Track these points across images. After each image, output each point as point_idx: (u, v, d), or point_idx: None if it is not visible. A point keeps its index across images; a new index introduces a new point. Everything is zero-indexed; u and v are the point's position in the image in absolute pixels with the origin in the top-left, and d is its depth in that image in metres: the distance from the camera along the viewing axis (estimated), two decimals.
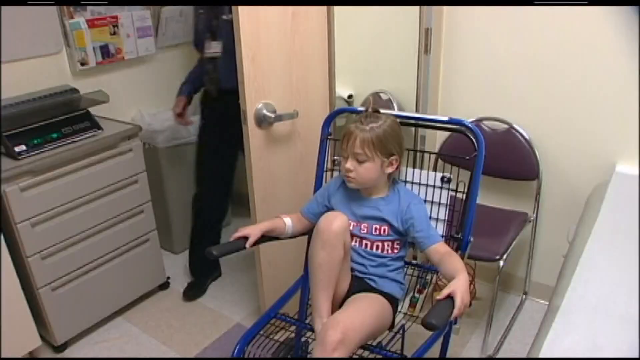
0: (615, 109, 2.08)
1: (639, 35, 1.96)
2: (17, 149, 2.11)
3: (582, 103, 2.14)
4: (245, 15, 1.78)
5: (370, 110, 1.59)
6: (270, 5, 1.85)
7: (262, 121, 1.93)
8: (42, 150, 2.12)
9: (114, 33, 2.65)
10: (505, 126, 2.33)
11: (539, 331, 1.39)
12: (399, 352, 1.58)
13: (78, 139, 2.23)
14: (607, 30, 2.00)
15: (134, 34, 2.73)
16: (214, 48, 2.28)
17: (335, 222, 1.48)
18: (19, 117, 2.18)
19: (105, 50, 2.64)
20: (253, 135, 1.94)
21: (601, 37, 2.02)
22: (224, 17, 2.20)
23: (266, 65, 1.90)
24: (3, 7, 2.24)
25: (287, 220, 1.69)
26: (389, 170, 1.57)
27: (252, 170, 1.99)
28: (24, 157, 2.09)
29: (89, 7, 2.55)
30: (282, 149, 2.07)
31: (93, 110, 2.35)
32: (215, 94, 2.36)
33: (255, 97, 1.90)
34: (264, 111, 1.92)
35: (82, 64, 2.56)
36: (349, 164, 1.55)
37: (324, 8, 2.03)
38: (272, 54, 1.91)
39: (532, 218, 2.35)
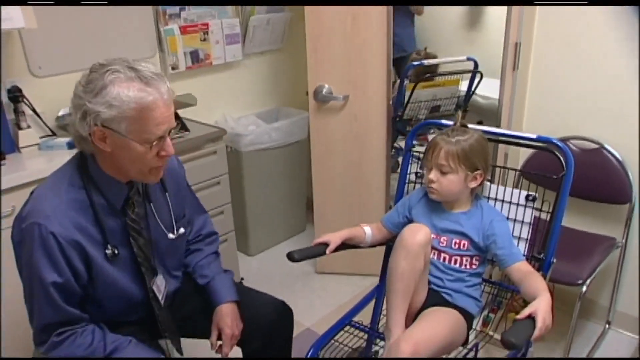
0: None
1: (639, 35, 1.88)
2: None
3: None
4: (310, 14, 2.44)
5: (458, 124, 1.58)
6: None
7: (319, 96, 2.55)
8: None
9: (204, 39, 2.77)
10: (595, 146, 2.23)
11: None
12: None
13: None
14: None
15: (222, 40, 2.84)
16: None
17: (419, 234, 1.48)
18: None
19: (194, 56, 2.76)
20: (312, 106, 2.60)
21: None
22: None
23: (326, 57, 2.50)
24: (106, 10, 2.39)
25: (367, 229, 1.70)
26: (473, 184, 1.55)
27: (311, 133, 2.67)
28: None
29: (182, 15, 2.68)
30: (339, 125, 2.62)
31: (180, 112, 2.46)
32: None
33: (316, 79, 2.54)
34: (322, 91, 2.54)
35: (173, 68, 2.69)
36: (432, 175, 1.54)
37: (384, 13, 2.39)
38: (331, 49, 2.48)
39: (620, 244, 2.23)
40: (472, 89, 2.88)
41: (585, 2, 2.06)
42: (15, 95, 2.15)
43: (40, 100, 2.25)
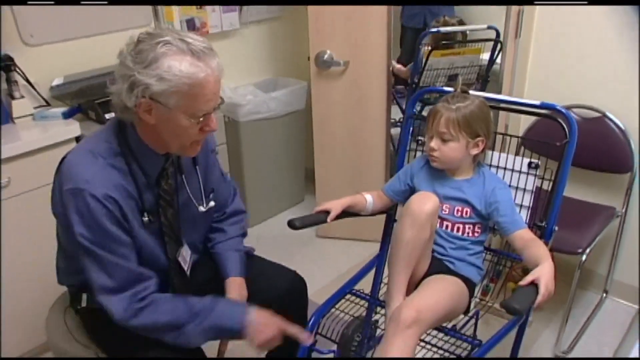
0: None
1: (639, 35, 1.87)
2: (107, 115, 2.21)
3: None
4: None
5: (458, 90, 1.55)
6: None
7: (320, 62, 2.59)
8: None
9: (200, 7, 2.72)
10: (597, 114, 2.21)
11: (624, 339, 1.32)
12: (472, 337, 1.55)
13: None
14: None
15: (219, 8, 2.79)
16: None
17: (428, 203, 1.46)
18: None
19: (190, 24, 2.71)
20: (313, 72, 2.63)
21: None
22: None
23: (328, 22, 2.52)
24: None
25: (368, 197, 1.69)
26: (474, 151, 1.53)
27: (312, 99, 2.70)
28: None
29: None
30: (340, 91, 2.65)
31: None
32: None
33: (318, 45, 2.58)
34: (324, 57, 2.56)
35: None
36: (434, 143, 1.52)
37: None
38: (333, 14, 2.50)
39: (620, 213, 2.23)
40: (493, 58, 2.82)
41: (585, 2, 2.05)
42: (7, 64, 2.10)
43: (33, 69, 2.21)
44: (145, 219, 1.37)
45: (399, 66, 2.94)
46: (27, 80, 2.19)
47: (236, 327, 1.38)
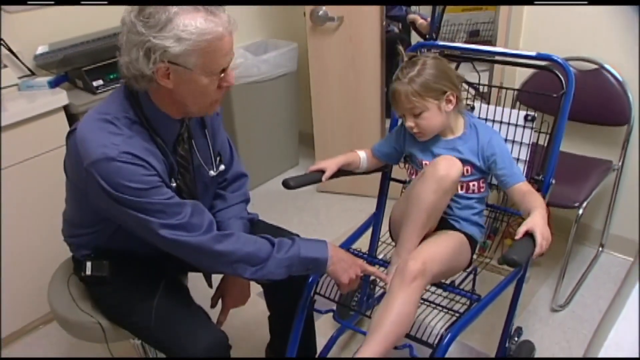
0: None
1: (639, 35, 1.84)
2: (94, 83, 2.17)
3: None
4: None
5: (405, 59, 1.50)
6: None
7: (315, 17, 2.61)
8: (118, 84, 2.16)
9: None
10: (594, 66, 2.18)
11: (621, 287, 1.32)
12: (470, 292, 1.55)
13: None
14: None
15: None
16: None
17: (454, 169, 1.41)
18: (97, 53, 2.22)
19: None
20: (309, 28, 2.66)
21: None
22: None
23: None
24: None
25: (362, 155, 1.67)
26: (449, 107, 1.48)
27: (309, 57, 2.74)
28: (101, 92, 2.16)
29: None
30: (335, 47, 2.67)
31: None
32: None
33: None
34: (319, 12, 2.59)
35: None
36: (409, 122, 1.49)
37: None
38: None
39: (616, 167, 2.22)
40: None
41: (585, 2, 2.01)
42: None
43: (15, 38, 2.14)
44: (174, 184, 1.36)
45: (421, 21, 2.89)
46: (10, 49, 2.13)
47: (323, 257, 1.39)
